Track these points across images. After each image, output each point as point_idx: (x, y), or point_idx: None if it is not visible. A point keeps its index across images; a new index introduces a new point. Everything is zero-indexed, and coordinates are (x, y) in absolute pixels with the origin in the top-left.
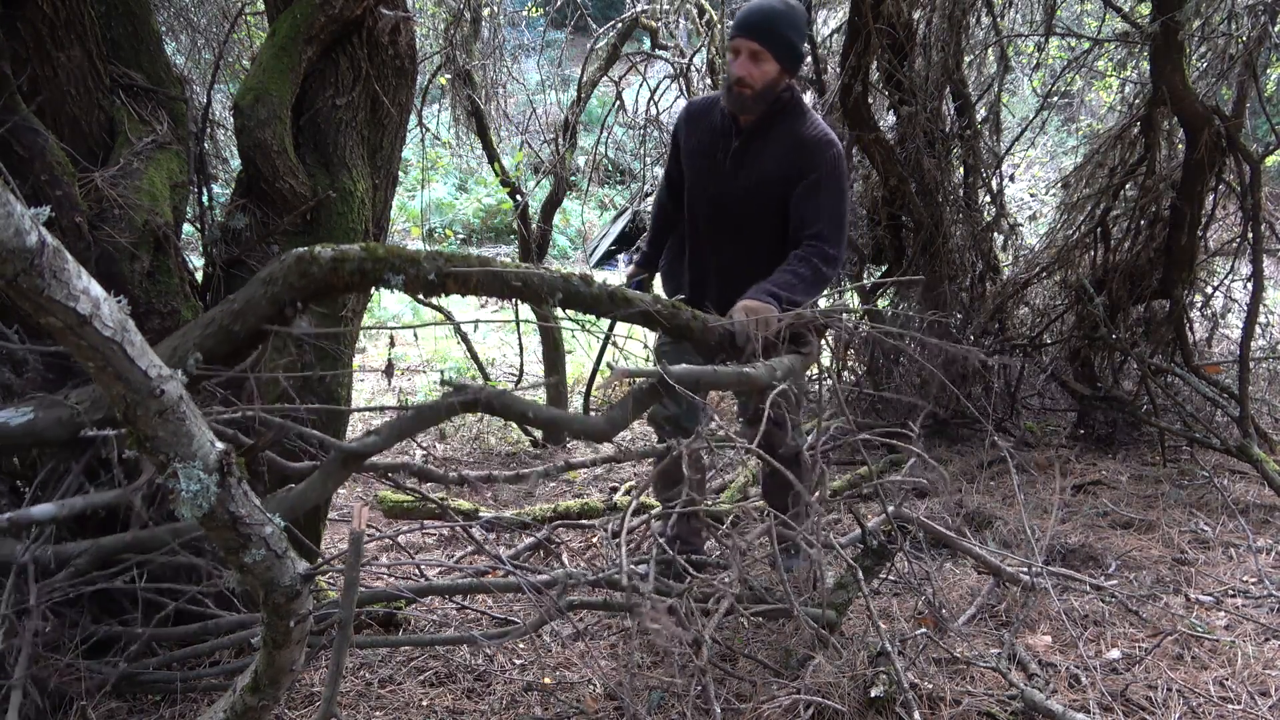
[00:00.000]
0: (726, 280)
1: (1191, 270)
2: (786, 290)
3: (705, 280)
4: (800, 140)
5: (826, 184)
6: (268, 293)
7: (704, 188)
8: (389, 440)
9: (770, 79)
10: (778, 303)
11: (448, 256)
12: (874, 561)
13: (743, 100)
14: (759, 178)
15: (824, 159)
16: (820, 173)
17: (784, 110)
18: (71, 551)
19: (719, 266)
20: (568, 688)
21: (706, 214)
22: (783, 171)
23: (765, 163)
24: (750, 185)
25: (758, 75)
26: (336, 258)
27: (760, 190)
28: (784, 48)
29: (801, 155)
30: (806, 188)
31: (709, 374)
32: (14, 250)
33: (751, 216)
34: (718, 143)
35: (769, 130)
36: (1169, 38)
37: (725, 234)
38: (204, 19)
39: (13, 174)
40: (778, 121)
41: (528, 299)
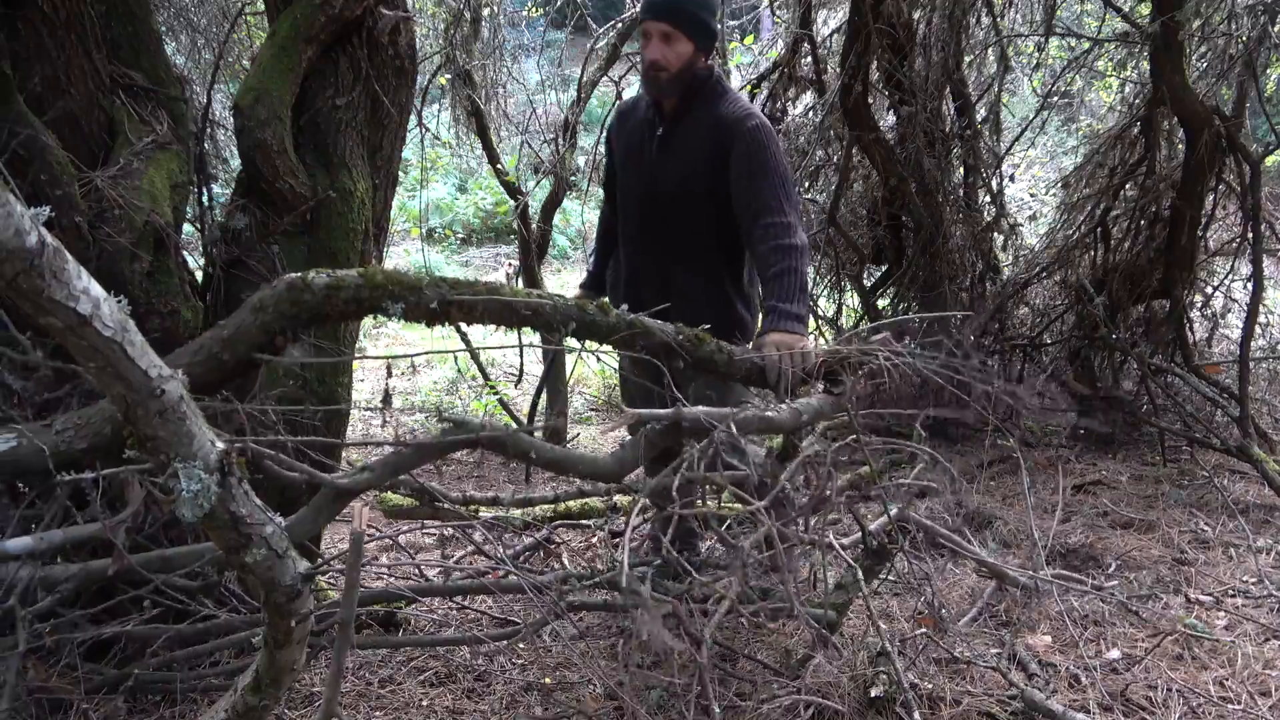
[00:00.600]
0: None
1: (1191, 270)
2: (796, 300)
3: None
4: (718, 121)
5: (755, 158)
6: (258, 320)
7: (632, 186)
8: (383, 477)
9: (685, 59)
10: (802, 324)
11: (451, 283)
12: (874, 562)
13: (659, 84)
14: (684, 167)
15: (743, 134)
16: (745, 147)
17: (702, 92)
18: (59, 575)
19: (651, 272)
20: (568, 688)
21: (635, 213)
22: (705, 156)
23: (689, 150)
24: (676, 176)
25: (672, 57)
26: (331, 285)
27: (687, 180)
28: (695, 25)
29: (721, 136)
30: (737, 172)
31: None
32: (14, 250)
33: (679, 210)
34: (644, 135)
35: (689, 114)
36: (1169, 38)
37: (655, 233)
38: (204, 19)
39: (13, 174)
40: (696, 105)
41: (538, 328)
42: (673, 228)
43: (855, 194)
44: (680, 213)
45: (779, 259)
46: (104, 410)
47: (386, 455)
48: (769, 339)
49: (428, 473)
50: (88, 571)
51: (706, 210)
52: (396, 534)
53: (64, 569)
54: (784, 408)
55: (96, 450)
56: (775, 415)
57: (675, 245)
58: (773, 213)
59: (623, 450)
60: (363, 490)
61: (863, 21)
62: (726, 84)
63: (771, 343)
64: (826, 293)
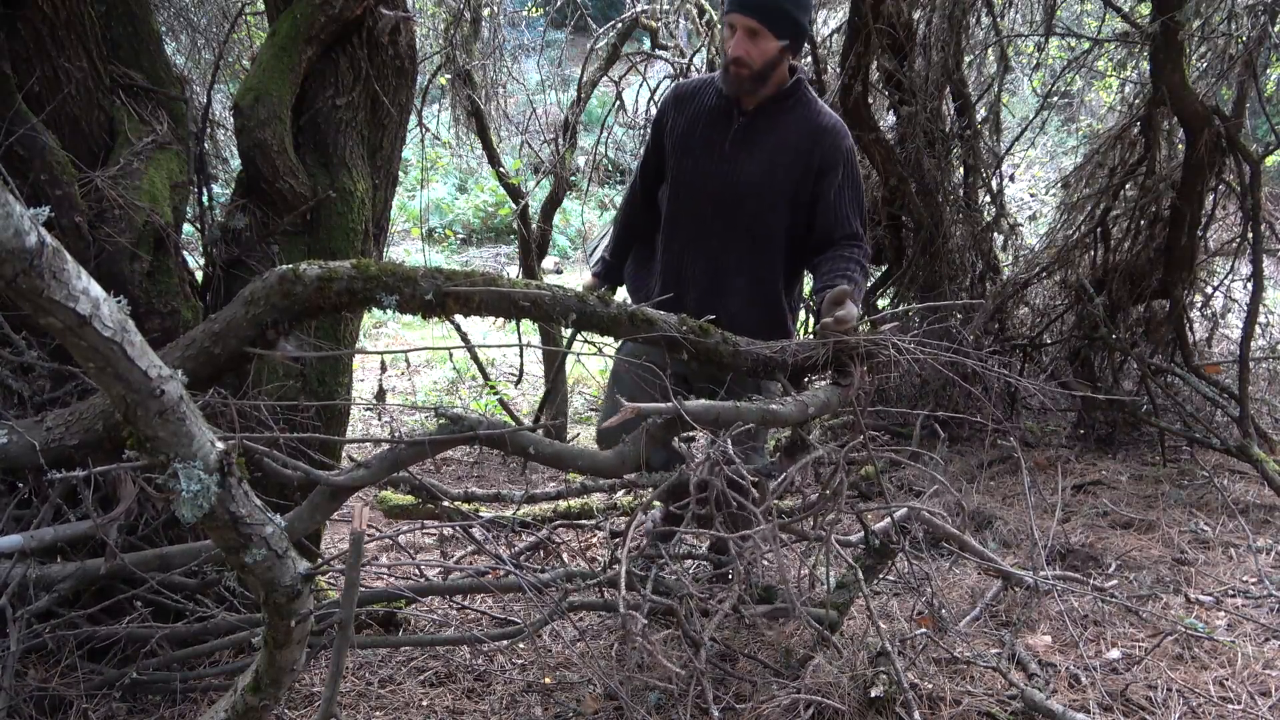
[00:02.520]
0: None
1: (1191, 270)
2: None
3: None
4: (816, 128)
5: (850, 179)
6: (249, 314)
7: (697, 176)
8: (379, 474)
9: (770, 58)
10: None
11: (448, 274)
12: (875, 561)
13: (740, 82)
14: (768, 165)
15: (845, 151)
16: (846, 168)
17: (793, 95)
18: (56, 575)
19: (701, 271)
20: (568, 688)
21: (697, 208)
22: (799, 161)
23: (776, 150)
24: (759, 173)
25: (756, 54)
26: (323, 276)
27: (769, 179)
28: (785, 23)
29: (819, 145)
30: (833, 184)
31: (730, 410)
32: (14, 251)
33: (751, 209)
34: (716, 124)
35: (778, 115)
36: (1169, 38)
37: (717, 230)
38: (204, 19)
39: (13, 174)
40: (787, 107)
41: (537, 319)
42: (740, 227)
43: None
44: (752, 212)
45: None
46: (96, 406)
47: (383, 452)
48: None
49: (426, 471)
50: (84, 570)
51: (780, 214)
52: (396, 534)
53: (61, 568)
54: (789, 400)
55: (88, 447)
56: (780, 408)
57: (738, 245)
58: (861, 240)
59: (623, 446)
60: (359, 487)
61: (863, 21)
62: (812, 92)
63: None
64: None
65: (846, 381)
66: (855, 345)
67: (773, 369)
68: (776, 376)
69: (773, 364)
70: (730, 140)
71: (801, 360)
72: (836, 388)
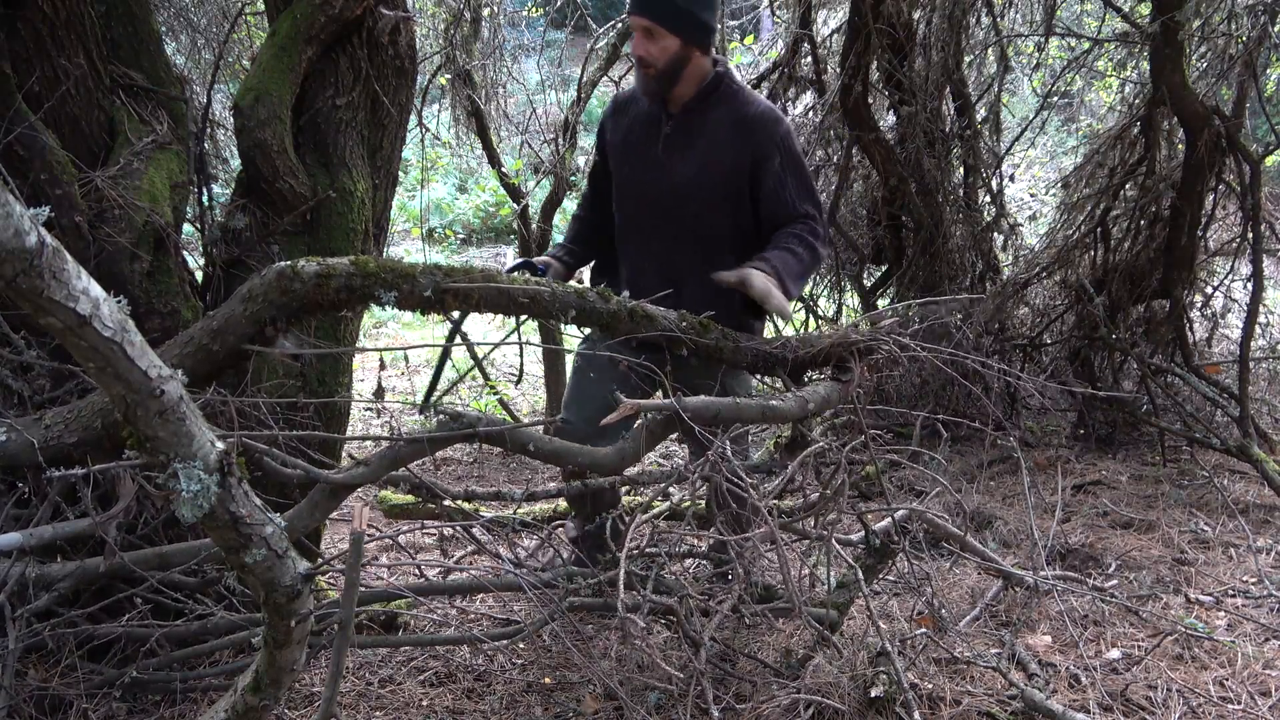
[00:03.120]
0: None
1: (1191, 270)
2: (787, 274)
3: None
4: (745, 119)
5: (789, 164)
6: (247, 310)
7: (635, 184)
8: (379, 472)
9: (673, 55)
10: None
11: (446, 270)
12: (875, 561)
13: (647, 81)
14: (701, 166)
15: (779, 137)
16: (780, 155)
17: (716, 90)
18: (56, 574)
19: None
20: (568, 688)
21: (639, 214)
22: (729, 156)
23: (707, 148)
24: (692, 174)
25: (657, 52)
26: (321, 273)
27: (704, 179)
28: (679, 20)
29: (751, 137)
30: (770, 175)
31: (729, 406)
32: (13, 251)
33: (692, 211)
34: (648, 131)
35: (706, 112)
36: (1169, 38)
37: (663, 235)
38: (204, 19)
39: (13, 174)
40: (713, 103)
41: (536, 316)
42: (685, 230)
43: (855, 194)
44: (694, 214)
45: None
46: (95, 404)
47: (383, 450)
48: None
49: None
50: (84, 569)
51: (722, 210)
52: (396, 534)
53: (60, 567)
54: (789, 396)
55: (88, 445)
56: (780, 404)
57: (685, 248)
58: (813, 219)
59: (623, 443)
60: (359, 485)
61: (863, 21)
62: (739, 81)
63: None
64: (826, 293)
65: (846, 378)
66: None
67: (772, 365)
68: (776, 372)
69: (773, 360)
70: (662, 145)
71: (801, 356)
72: (836, 384)
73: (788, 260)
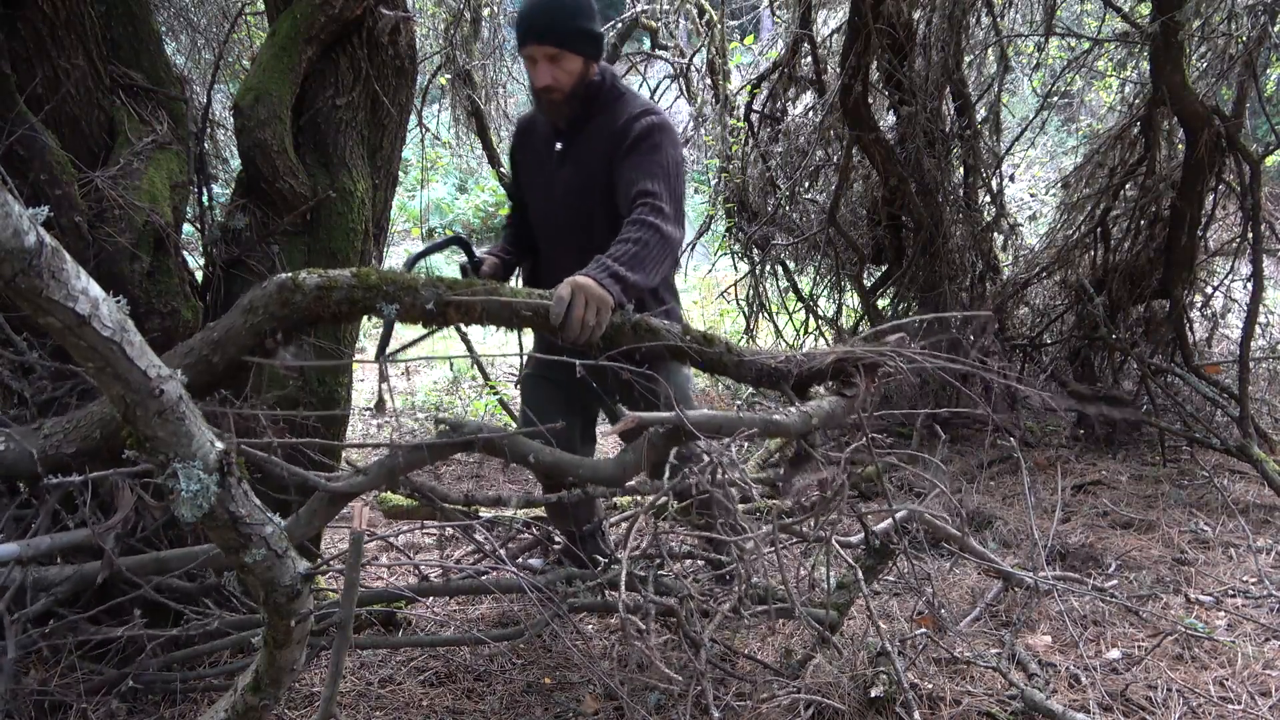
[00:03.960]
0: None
1: (1191, 270)
2: (628, 265)
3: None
4: (615, 123)
5: (642, 144)
6: (248, 323)
7: (541, 204)
8: (377, 480)
9: (578, 75)
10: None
11: (449, 283)
12: (876, 561)
13: (557, 107)
14: (584, 178)
15: (641, 126)
16: (633, 136)
17: (599, 100)
18: (53, 578)
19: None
20: (568, 688)
21: (549, 232)
22: (602, 164)
23: (588, 158)
24: (575, 189)
25: (563, 77)
26: (322, 285)
27: (586, 188)
28: (580, 38)
29: (621, 134)
30: (621, 157)
31: (732, 420)
32: (13, 251)
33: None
34: (546, 152)
35: (590, 121)
36: (1169, 38)
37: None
38: (204, 19)
39: (12, 174)
40: (594, 114)
41: (540, 329)
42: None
43: (855, 194)
44: (595, 224)
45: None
46: (94, 414)
47: (382, 458)
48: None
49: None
50: (82, 574)
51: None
52: (396, 534)
53: (59, 571)
54: (793, 410)
55: (86, 454)
56: (783, 419)
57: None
58: (650, 195)
59: (624, 454)
60: (358, 493)
61: (863, 21)
62: (622, 86)
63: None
64: (826, 293)
65: (851, 393)
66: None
67: (776, 380)
68: (781, 387)
69: (776, 375)
70: (555, 163)
71: (805, 371)
72: (841, 399)
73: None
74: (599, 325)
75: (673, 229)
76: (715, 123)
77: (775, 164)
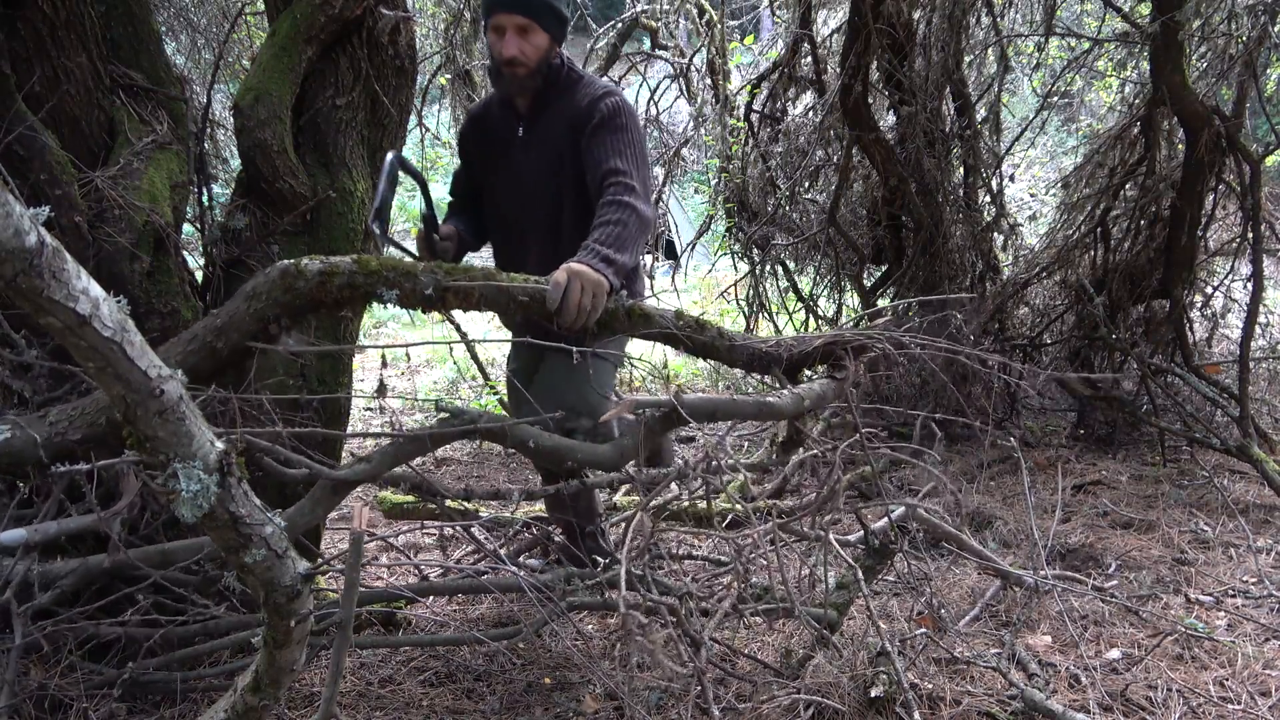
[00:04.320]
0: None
1: (1191, 270)
2: (615, 247)
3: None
4: (576, 106)
5: (608, 124)
6: (251, 308)
7: (501, 192)
8: (380, 469)
9: (543, 52)
10: (613, 269)
11: (447, 269)
12: (875, 561)
13: (516, 81)
14: (548, 162)
15: (604, 107)
16: (599, 117)
17: (559, 84)
18: (58, 571)
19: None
20: (568, 688)
21: (515, 216)
22: (568, 145)
23: (553, 139)
24: (537, 174)
25: (530, 51)
26: (324, 271)
27: (552, 169)
28: (552, 15)
29: (584, 116)
30: (588, 137)
31: (726, 403)
32: (13, 251)
33: (552, 206)
34: (503, 137)
35: (550, 105)
36: (1169, 38)
37: (540, 231)
38: (204, 19)
39: (13, 174)
40: (554, 98)
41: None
42: (555, 223)
43: (855, 194)
44: (559, 205)
45: (612, 211)
46: (99, 401)
47: (384, 446)
48: (566, 265)
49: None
50: (86, 567)
51: (582, 197)
52: (396, 534)
53: (63, 565)
54: (785, 393)
55: (91, 442)
56: (776, 401)
57: (555, 243)
58: (620, 174)
59: (622, 439)
60: (361, 481)
61: (863, 21)
62: (580, 70)
63: (565, 268)
64: (826, 293)
65: (842, 375)
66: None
67: (768, 364)
68: (772, 371)
69: (768, 359)
70: (519, 149)
71: (796, 355)
72: (832, 381)
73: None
74: (595, 309)
75: (646, 207)
76: (715, 123)
77: (775, 164)
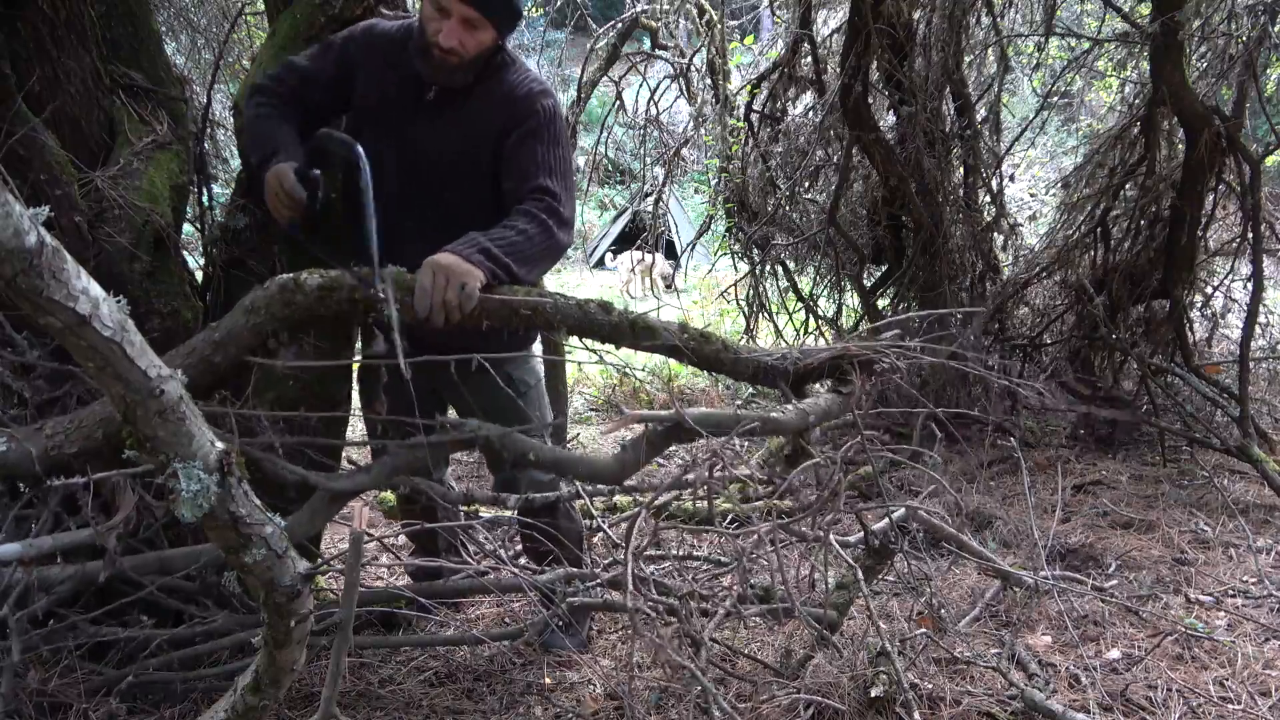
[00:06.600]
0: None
1: (1191, 270)
2: (508, 251)
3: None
4: (509, 93)
5: (544, 134)
6: (250, 323)
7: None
8: (380, 479)
9: (485, 49)
10: (492, 264)
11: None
12: (875, 561)
13: (449, 70)
14: (466, 141)
15: (538, 108)
16: (536, 121)
17: (491, 62)
18: (55, 577)
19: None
20: (568, 688)
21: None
22: (492, 129)
23: (473, 123)
24: (453, 148)
25: (471, 45)
26: (324, 286)
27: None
28: (503, 10)
29: (512, 107)
30: (520, 138)
31: (730, 418)
32: (13, 250)
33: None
34: (406, 93)
35: (472, 87)
36: (1169, 38)
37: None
38: (204, 19)
39: (12, 174)
40: (484, 75)
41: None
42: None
43: (855, 194)
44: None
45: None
46: (95, 414)
47: (384, 457)
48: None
49: None
50: (84, 573)
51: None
52: (396, 535)
53: (60, 570)
54: (790, 408)
55: (88, 455)
56: (781, 416)
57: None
58: (550, 195)
59: (624, 452)
60: (359, 492)
61: (863, 21)
62: (512, 54)
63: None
64: (826, 293)
65: (848, 390)
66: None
67: (774, 377)
68: (778, 384)
69: (774, 372)
70: (422, 113)
71: (802, 368)
72: (837, 396)
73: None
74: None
75: (564, 236)
76: (715, 123)
77: (775, 164)
